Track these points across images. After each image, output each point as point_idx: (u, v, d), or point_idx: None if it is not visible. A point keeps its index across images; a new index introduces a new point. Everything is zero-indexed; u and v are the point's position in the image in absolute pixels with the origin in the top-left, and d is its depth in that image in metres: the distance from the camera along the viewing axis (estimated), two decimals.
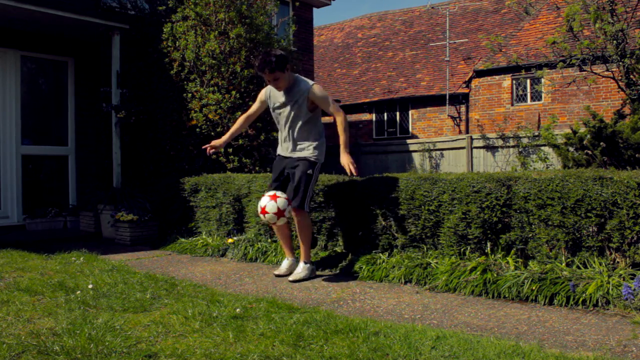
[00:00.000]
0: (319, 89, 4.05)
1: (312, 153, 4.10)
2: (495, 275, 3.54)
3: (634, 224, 3.26)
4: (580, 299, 3.17)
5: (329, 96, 4.10)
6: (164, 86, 7.10)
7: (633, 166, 5.29)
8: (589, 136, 5.65)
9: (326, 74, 19.79)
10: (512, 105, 14.81)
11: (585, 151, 5.63)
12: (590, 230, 3.43)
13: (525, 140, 11.03)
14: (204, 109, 6.70)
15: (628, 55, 6.75)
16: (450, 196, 3.97)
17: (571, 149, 6.08)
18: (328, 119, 10.45)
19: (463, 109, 15.84)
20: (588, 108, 6.63)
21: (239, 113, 6.60)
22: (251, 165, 6.84)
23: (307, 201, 4.06)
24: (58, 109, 7.62)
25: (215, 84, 6.82)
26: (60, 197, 7.47)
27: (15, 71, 7.09)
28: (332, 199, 4.62)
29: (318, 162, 4.13)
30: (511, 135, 11.31)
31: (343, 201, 4.58)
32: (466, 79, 15.80)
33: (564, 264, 3.47)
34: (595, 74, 7.36)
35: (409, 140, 13.60)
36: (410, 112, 16.94)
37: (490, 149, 11.60)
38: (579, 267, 3.42)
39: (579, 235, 3.48)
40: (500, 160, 11.42)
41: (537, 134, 10.83)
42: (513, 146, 11.22)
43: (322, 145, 4.18)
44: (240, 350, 2.44)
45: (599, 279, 3.20)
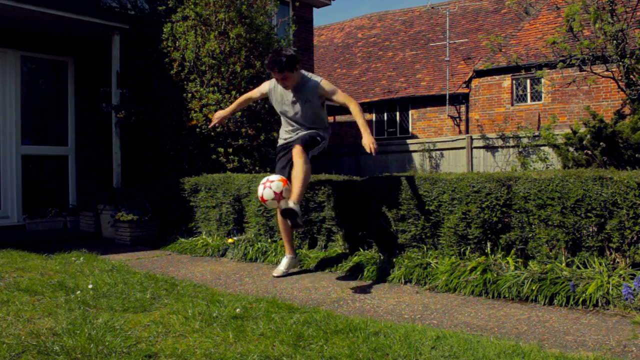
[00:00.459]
0: (327, 83, 4.17)
1: (320, 132, 4.24)
2: (495, 275, 3.54)
3: (634, 224, 3.26)
4: (580, 299, 3.17)
5: (337, 88, 4.21)
6: (163, 86, 7.10)
7: (633, 166, 5.29)
8: (589, 136, 5.65)
9: (326, 74, 19.78)
10: (512, 105, 14.80)
11: (585, 151, 5.63)
12: (590, 230, 3.43)
13: (525, 141, 11.02)
14: (204, 109, 6.70)
15: (628, 55, 6.74)
16: (450, 196, 3.97)
17: (571, 149, 6.08)
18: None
19: (463, 109, 15.85)
20: (588, 108, 6.63)
21: (239, 113, 6.62)
22: (251, 165, 6.84)
23: (310, 148, 4.11)
24: (58, 109, 7.61)
25: (215, 84, 6.83)
26: (60, 197, 7.47)
27: (15, 71, 7.08)
28: (332, 199, 4.62)
29: (324, 140, 4.25)
30: (511, 136, 11.31)
31: (343, 201, 4.58)
32: (466, 79, 15.80)
33: (564, 264, 3.47)
34: (595, 74, 7.35)
35: (409, 141, 13.60)
36: (410, 112, 16.95)
37: (490, 149, 11.60)
38: (579, 267, 3.42)
39: (579, 235, 3.48)
40: (500, 160, 11.42)
41: (537, 134, 10.82)
42: (513, 146, 11.21)
43: (328, 133, 4.33)
44: (240, 350, 2.44)
45: (599, 279, 3.19)
